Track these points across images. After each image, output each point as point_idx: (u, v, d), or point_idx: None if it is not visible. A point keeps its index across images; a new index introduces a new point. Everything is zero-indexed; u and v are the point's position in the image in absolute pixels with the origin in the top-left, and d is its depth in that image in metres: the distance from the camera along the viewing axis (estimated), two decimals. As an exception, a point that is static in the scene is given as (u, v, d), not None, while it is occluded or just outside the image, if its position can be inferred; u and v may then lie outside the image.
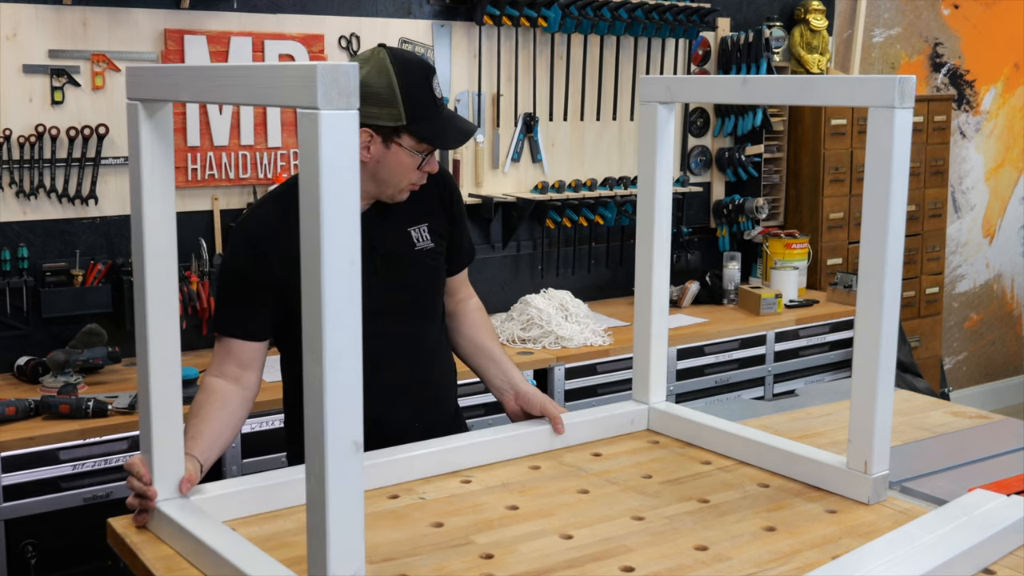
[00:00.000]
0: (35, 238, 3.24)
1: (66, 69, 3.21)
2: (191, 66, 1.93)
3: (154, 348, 1.64)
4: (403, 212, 2.14)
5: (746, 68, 4.49)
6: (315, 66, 1.20)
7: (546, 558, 1.62)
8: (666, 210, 2.13)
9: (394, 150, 2.01)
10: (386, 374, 2.08)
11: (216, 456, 1.93)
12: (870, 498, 1.82)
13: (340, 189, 1.24)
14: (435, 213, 2.19)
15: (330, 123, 1.22)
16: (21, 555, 2.73)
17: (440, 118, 2.03)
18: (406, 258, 2.15)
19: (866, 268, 1.77)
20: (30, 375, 3.09)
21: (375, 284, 2.05)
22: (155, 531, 1.70)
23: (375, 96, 1.97)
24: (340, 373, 1.27)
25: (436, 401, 2.26)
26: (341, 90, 1.21)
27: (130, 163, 1.63)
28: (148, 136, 1.59)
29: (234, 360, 2.04)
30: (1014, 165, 6.06)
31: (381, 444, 1.97)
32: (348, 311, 1.27)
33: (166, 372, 1.66)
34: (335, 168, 1.23)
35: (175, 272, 1.65)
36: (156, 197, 1.60)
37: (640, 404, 2.24)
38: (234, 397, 2.01)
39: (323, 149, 1.22)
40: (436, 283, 2.23)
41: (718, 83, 2.08)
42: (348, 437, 1.28)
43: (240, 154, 3.50)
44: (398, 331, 2.14)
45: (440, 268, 2.23)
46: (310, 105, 1.22)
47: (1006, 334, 6.21)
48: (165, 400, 1.67)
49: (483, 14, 3.83)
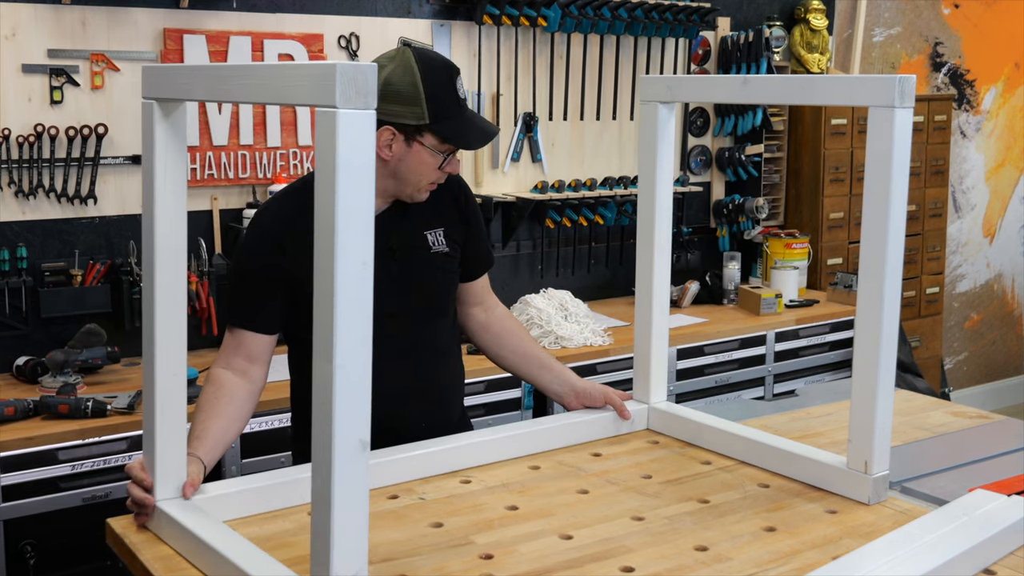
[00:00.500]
0: (34, 238, 3.23)
1: (65, 69, 3.20)
2: (207, 65, 1.94)
3: (161, 346, 1.65)
4: (420, 215, 2.15)
5: (746, 68, 4.48)
6: (335, 65, 1.21)
7: (546, 558, 1.62)
8: (667, 210, 2.13)
9: (416, 149, 2.02)
10: (396, 375, 2.09)
11: (220, 455, 1.94)
12: (870, 498, 1.82)
13: (356, 188, 1.24)
14: (451, 218, 2.20)
15: (348, 122, 1.22)
16: (20, 555, 2.72)
17: (463, 118, 2.04)
18: (422, 260, 2.15)
19: (866, 268, 1.77)
20: (29, 375, 3.09)
21: (390, 285, 2.08)
22: (155, 530, 1.70)
23: (398, 94, 1.98)
24: (349, 372, 1.27)
25: (443, 403, 2.26)
26: (359, 89, 1.22)
27: (143, 162, 1.63)
28: (163, 135, 1.60)
29: (243, 353, 2.05)
30: (1014, 165, 6.06)
31: (387, 444, 1.97)
32: (359, 310, 1.27)
33: (172, 371, 1.66)
34: (351, 167, 1.24)
35: (184, 271, 1.67)
36: (168, 196, 1.62)
37: (640, 404, 2.24)
38: (241, 391, 2.01)
39: (340, 148, 1.22)
40: (449, 287, 2.24)
41: (719, 83, 2.08)
42: (355, 436, 1.28)
43: (239, 154, 3.49)
44: (409, 333, 2.15)
45: (454, 273, 2.23)
46: (328, 104, 1.22)
47: (1006, 334, 6.21)
48: (170, 398, 1.67)
49: (483, 13, 3.83)
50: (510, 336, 2.34)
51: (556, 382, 2.30)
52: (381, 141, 2.01)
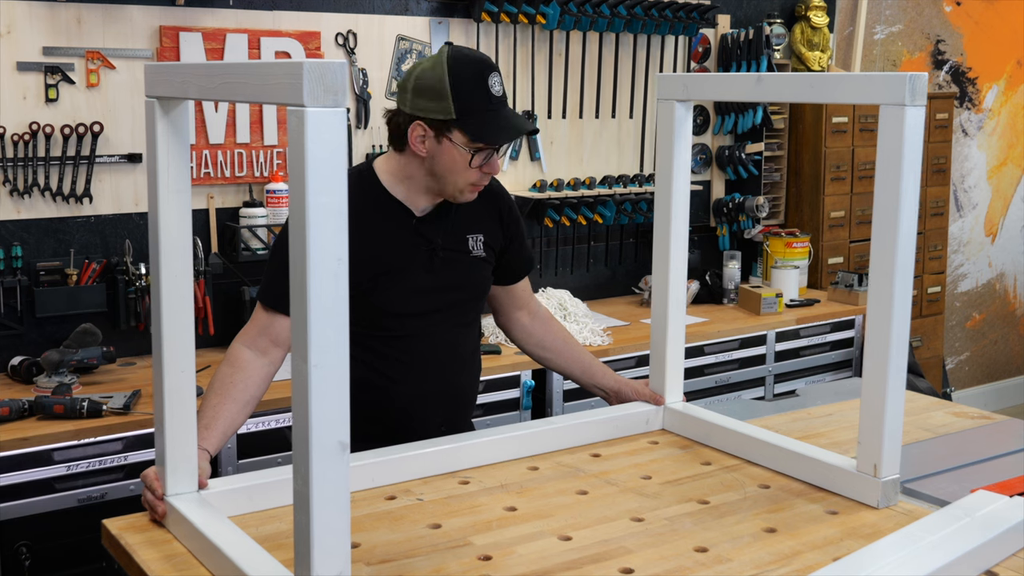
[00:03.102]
0: (29, 237, 3.22)
1: (60, 66, 3.19)
2: (201, 64, 1.96)
3: (168, 343, 1.66)
4: (464, 217, 2.19)
5: (747, 66, 4.46)
6: (301, 63, 1.21)
7: (544, 560, 1.61)
8: (683, 208, 2.14)
9: (446, 146, 2.04)
10: (424, 374, 2.16)
11: (225, 443, 1.97)
12: (879, 502, 1.81)
13: (326, 186, 1.24)
14: (491, 226, 2.24)
15: (316, 120, 1.22)
16: (15, 557, 2.71)
17: (492, 115, 2.05)
18: (463, 261, 2.19)
19: (877, 268, 1.75)
20: (24, 375, 3.07)
21: (431, 284, 2.14)
22: (165, 526, 1.71)
23: (428, 90, 2.01)
24: (325, 372, 1.27)
25: (463, 406, 2.30)
26: (327, 87, 1.22)
27: (147, 160, 1.66)
28: (164, 133, 1.62)
29: (270, 335, 2.07)
30: (1016, 163, 6.04)
31: (407, 439, 2.02)
32: (335, 309, 1.27)
33: (180, 368, 1.67)
34: (321, 165, 1.24)
35: (191, 268, 1.68)
36: (172, 194, 1.63)
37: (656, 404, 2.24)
38: (257, 375, 2.03)
39: (309, 146, 1.23)
40: (483, 291, 2.28)
41: (733, 81, 2.09)
42: (334, 437, 1.28)
43: (236, 152, 3.47)
44: (441, 334, 2.19)
45: (488, 279, 2.27)
46: (296, 102, 1.23)
47: (1008, 334, 6.19)
48: (179, 395, 1.68)
49: (481, 11, 3.81)
50: (554, 340, 2.41)
51: (598, 387, 2.37)
52: (413, 136, 2.05)
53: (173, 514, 1.69)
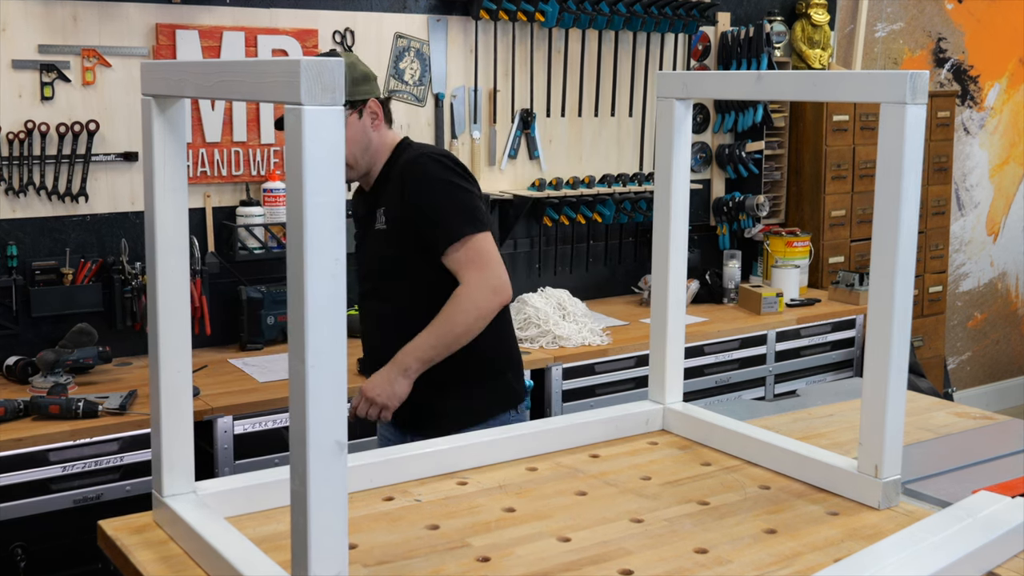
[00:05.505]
0: (24, 236, 3.20)
1: (56, 64, 3.17)
2: (195, 61, 1.97)
3: (164, 342, 1.66)
4: (378, 193, 2.52)
5: (747, 64, 4.45)
6: (299, 61, 1.21)
7: (543, 561, 1.60)
8: (683, 207, 2.13)
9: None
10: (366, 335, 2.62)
11: None
12: (880, 503, 1.80)
13: (324, 186, 1.24)
14: (393, 199, 2.46)
15: (314, 118, 1.22)
16: (11, 558, 2.70)
17: None
18: (370, 235, 2.51)
19: (877, 267, 1.74)
20: (19, 375, 3.06)
21: (360, 254, 2.59)
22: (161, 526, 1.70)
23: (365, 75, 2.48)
24: (323, 372, 1.26)
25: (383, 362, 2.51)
26: (325, 85, 1.21)
27: (143, 158, 1.66)
28: (160, 131, 1.62)
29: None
30: (1019, 162, 6.03)
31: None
32: (332, 309, 1.26)
33: (176, 368, 1.67)
34: (319, 163, 1.23)
35: (187, 267, 1.68)
36: (169, 192, 1.63)
37: (656, 404, 2.22)
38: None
39: (306, 145, 1.22)
40: (386, 266, 2.50)
41: (733, 79, 2.08)
42: (331, 437, 1.28)
43: (233, 151, 3.46)
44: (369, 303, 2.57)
45: (394, 255, 2.47)
46: (294, 101, 1.22)
47: (1010, 333, 6.18)
48: (175, 395, 1.67)
49: (479, 8, 3.80)
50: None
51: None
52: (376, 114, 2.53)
53: (170, 515, 1.67)
